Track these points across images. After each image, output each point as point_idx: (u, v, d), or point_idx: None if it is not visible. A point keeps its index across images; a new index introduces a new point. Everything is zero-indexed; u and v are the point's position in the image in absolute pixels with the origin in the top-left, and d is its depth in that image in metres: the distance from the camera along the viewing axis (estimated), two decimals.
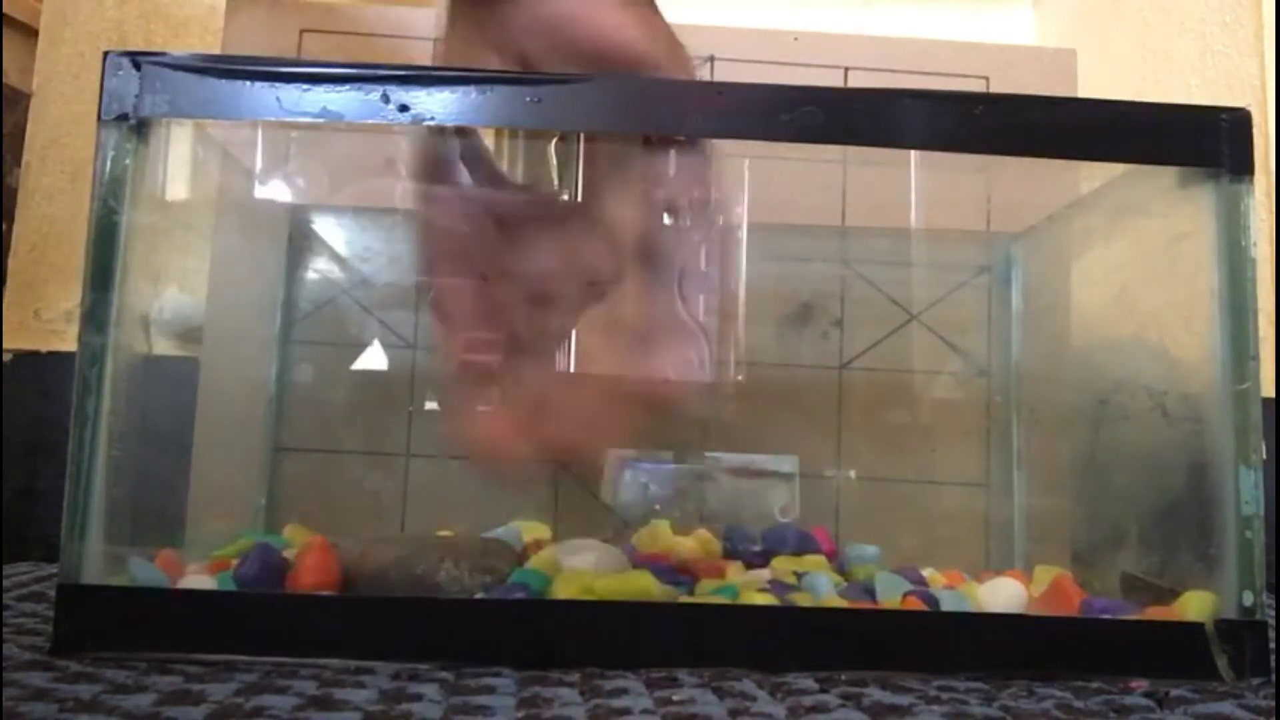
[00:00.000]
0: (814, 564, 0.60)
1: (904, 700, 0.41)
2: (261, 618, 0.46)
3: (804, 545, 0.63)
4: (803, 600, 0.53)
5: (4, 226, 0.82)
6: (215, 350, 0.67)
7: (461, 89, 0.49)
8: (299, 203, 0.72)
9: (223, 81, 0.49)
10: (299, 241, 0.73)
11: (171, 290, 0.66)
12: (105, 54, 0.48)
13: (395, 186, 0.73)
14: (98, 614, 0.46)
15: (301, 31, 0.77)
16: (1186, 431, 0.54)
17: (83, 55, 0.82)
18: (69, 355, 0.47)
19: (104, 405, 0.47)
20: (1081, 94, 0.78)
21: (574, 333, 0.50)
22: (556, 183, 0.54)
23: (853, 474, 0.72)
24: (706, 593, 0.53)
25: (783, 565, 0.60)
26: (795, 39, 0.79)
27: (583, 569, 0.52)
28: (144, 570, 0.49)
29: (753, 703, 0.40)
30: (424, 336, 0.73)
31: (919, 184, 0.70)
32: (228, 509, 0.67)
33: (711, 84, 0.53)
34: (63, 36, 0.82)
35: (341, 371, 0.73)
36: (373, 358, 0.71)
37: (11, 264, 0.81)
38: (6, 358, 0.78)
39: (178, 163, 0.54)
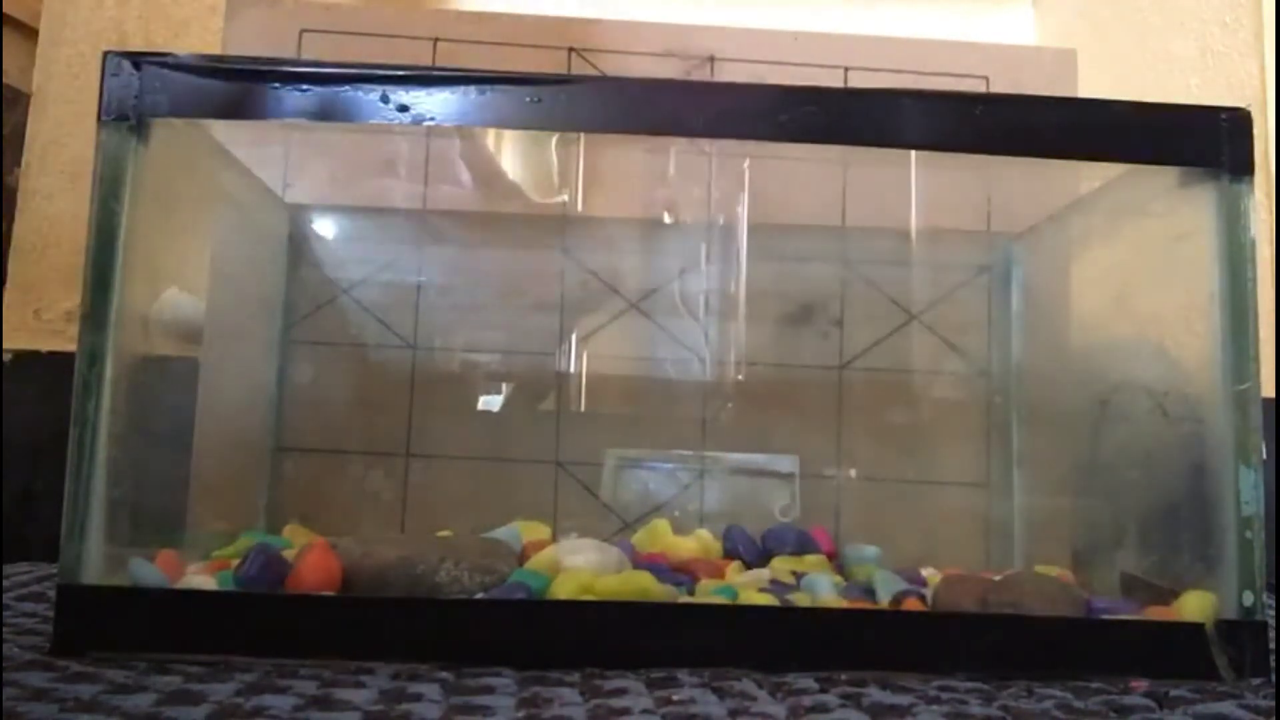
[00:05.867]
0: (814, 564, 0.60)
1: (904, 700, 0.41)
2: (261, 618, 0.46)
3: (804, 545, 0.63)
4: (803, 600, 0.53)
5: (4, 226, 0.82)
6: (215, 350, 0.67)
7: (461, 89, 0.49)
8: (299, 202, 0.73)
9: (223, 81, 0.49)
10: (299, 241, 0.73)
11: (171, 290, 0.65)
12: (105, 54, 0.48)
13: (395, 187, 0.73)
14: (98, 614, 0.46)
15: (301, 31, 0.77)
16: (1186, 432, 0.54)
17: (83, 55, 0.82)
18: (69, 355, 0.47)
19: (104, 405, 0.47)
20: (1081, 94, 0.78)
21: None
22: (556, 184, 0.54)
23: (853, 474, 0.72)
24: (706, 593, 0.53)
25: (783, 565, 0.60)
26: (795, 39, 0.79)
27: (583, 569, 0.52)
28: (144, 570, 0.49)
29: (753, 703, 0.40)
30: (424, 336, 0.73)
31: (919, 184, 0.70)
32: (228, 509, 0.67)
33: (711, 84, 0.53)
34: (63, 36, 0.82)
35: (341, 371, 0.73)
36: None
37: (11, 264, 0.81)
38: (6, 358, 0.78)
39: (177, 163, 0.54)
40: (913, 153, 0.56)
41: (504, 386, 0.74)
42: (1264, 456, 0.48)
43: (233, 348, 0.70)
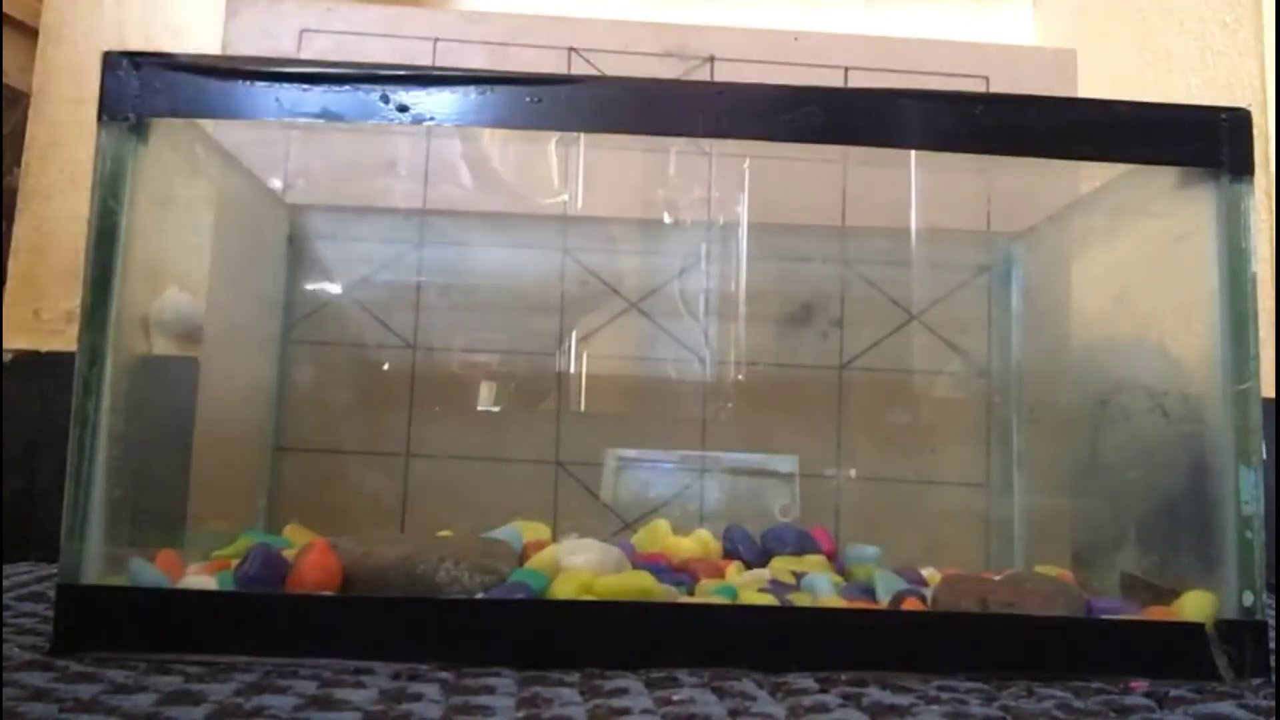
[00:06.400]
0: (814, 564, 0.60)
1: (904, 700, 0.41)
2: (261, 618, 0.46)
3: (804, 545, 0.63)
4: (803, 600, 0.53)
5: (4, 226, 0.82)
6: (215, 350, 0.67)
7: (461, 89, 0.49)
8: (299, 202, 0.73)
9: (223, 81, 0.49)
10: (299, 241, 0.73)
11: (171, 290, 0.65)
12: (105, 54, 0.48)
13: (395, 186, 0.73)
14: (98, 614, 0.46)
15: (301, 31, 0.77)
16: (1187, 432, 0.54)
17: (83, 55, 0.82)
18: (69, 355, 0.47)
19: (104, 405, 0.47)
20: (1081, 94, 0.78)
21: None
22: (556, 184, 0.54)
23: (853, 474, 0.72)
24: (706, 593, 0.53)
25: (783, 565, 0.60)
26: (795, 39, 0.79)
27: (583, 569, 0.52)
28: (144, 570, 0.49)
29: (753, 703, 0.40)
30: (424, 336, 0.73)
31: (919, 184, 0.70)
32: (228, 509, 0.67)
33: (711, 84, 0.53)
34: (63, 36, 0.82)
35: (341, 371, 0.73)
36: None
37: (11, 264, 0.81)
38: (6, 358, 0.78)
39: (177, 163, 0.54)
40: (913, 153, 0.56)
41: (504, 386, 0.74)
42: (1264, 456, 0.48)
43: (233, 348, 0.70)
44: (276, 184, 0.71)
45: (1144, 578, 0.57)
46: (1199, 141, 0.50)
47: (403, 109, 0.49)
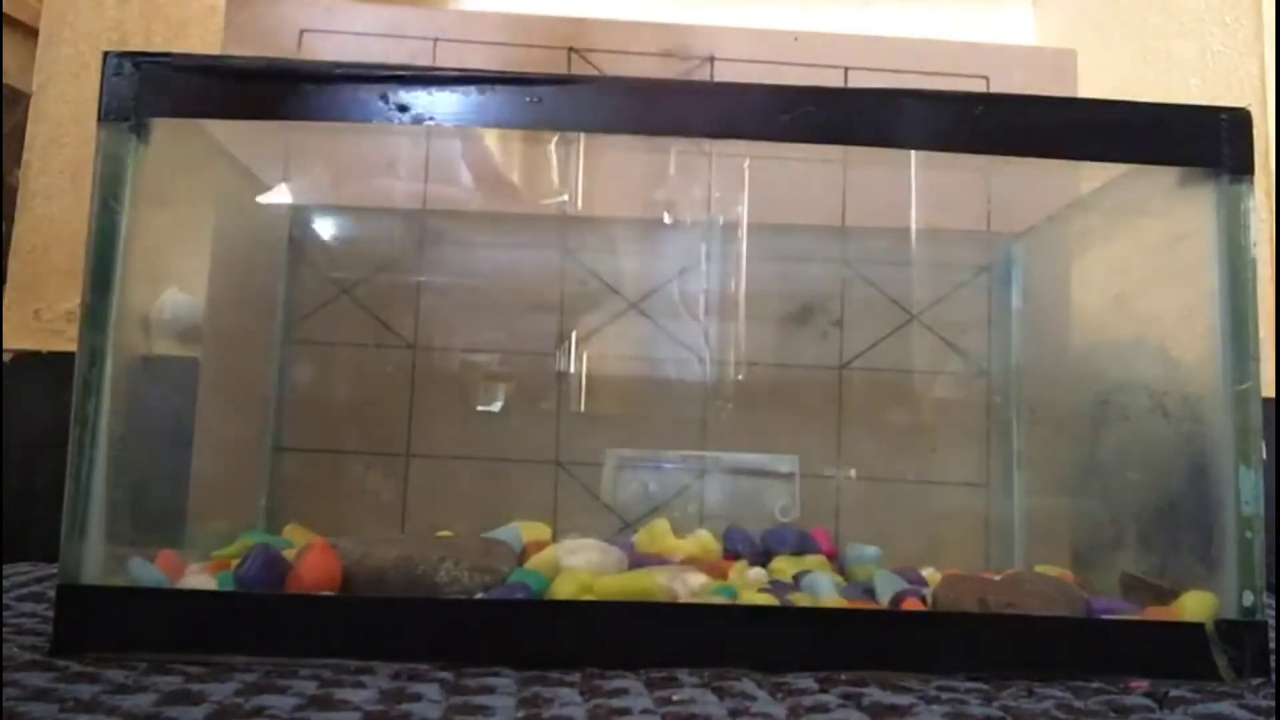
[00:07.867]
0: (814, 564, 0.60)
1: (904, 700, 0.41)
2: (261, 618, 0.46)
3: (804, 545, 0.63)
4: (803, 600, 0.53)
5: (4, 226, 0.82)
6: (215, 350, 0.67)
7: (461, 89, 0.49)
8: (299, 202, 0.72)
9: (223, 81, 0.49)
10: (299, 241, 0.73)
11: (171, 290, 0.65)
12: (105, 54, 0.49)
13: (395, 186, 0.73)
14: (98, 614, 0.46)
15: (301, 31, 0.77)
16: (1186, 432, 0.54)
17: (83, 55, 0.82)
18: (69, 355, 0.47)
19: (104, 405, 0.47)
20: (1081, 94, 0.78)
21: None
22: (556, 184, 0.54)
23: (853, 474, 0.72)
24: (707, 592, 0.53)
25: (783, 565, 0.60)
26: (795, 39, 0.79)
27: (583, 569, 0.52)
28: (144, 570, 0.49)
29: (753, 703, 0.40)
30: (424, 336, 0.73)
31: (919, 184, 0.70)
32: (228, 509, 0.67)
33: (711, 84, 0.53)
34: (63, 36, 0.82)
35: (341, 371, 0.73)
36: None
37: (11, 264, 0.81)
38: (6, 358, 0.78)
39: (178, 163, 0.54)
40: (913, 153, 0.56)
41: (504, 386, 0.74)
42: (1264, 456, 0.48)
43: (233, 348, 0.70)
44: (276, 184, 0.71)
45: (1144, 578, 0.57)
46: (1199, 141, 0.50)
47: (403, 109, 0.49)
